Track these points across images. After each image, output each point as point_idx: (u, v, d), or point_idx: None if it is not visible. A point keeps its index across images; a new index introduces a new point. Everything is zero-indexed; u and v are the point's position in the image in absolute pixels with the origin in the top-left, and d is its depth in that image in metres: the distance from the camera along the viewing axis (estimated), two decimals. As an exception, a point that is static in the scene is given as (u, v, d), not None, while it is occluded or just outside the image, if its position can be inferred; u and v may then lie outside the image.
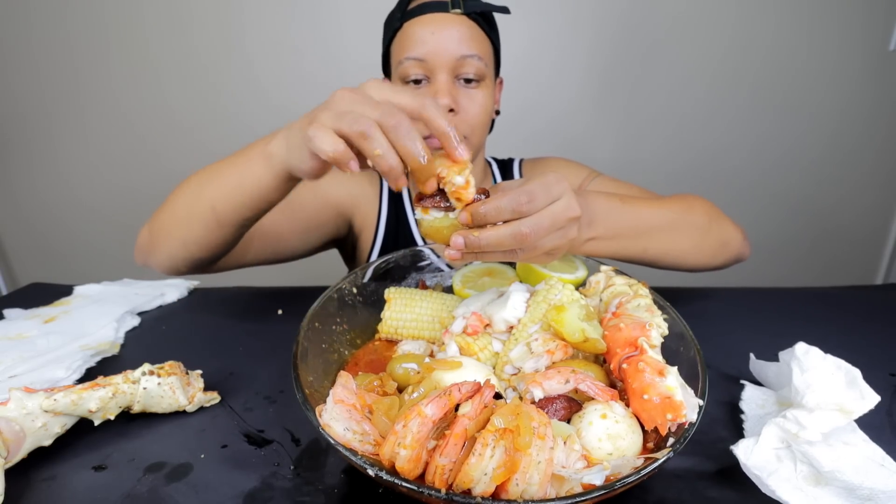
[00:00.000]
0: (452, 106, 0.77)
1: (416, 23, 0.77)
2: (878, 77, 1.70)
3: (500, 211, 0.48)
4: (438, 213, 0.50)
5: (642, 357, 0.44)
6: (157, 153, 1.82)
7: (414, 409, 0.38)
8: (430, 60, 0.76)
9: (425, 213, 0.50)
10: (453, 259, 0.49)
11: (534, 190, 0.49)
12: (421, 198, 0.50)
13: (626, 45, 1.68)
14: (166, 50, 1.68)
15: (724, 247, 0.77)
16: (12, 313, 0.78)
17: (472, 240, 0.48)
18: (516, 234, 0.48)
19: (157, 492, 0.45)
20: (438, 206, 0.49)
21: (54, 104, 1.77)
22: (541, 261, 0.54)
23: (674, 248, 0.72)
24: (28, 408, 0.47)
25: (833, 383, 0.48)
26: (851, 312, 0.78)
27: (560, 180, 0.51)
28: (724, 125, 1.78)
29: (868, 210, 1.90)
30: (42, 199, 1.92)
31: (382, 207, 0.94)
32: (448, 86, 0.77)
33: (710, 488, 0.45)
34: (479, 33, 0.79)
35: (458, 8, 0.76)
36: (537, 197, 0.49)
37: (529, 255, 0.52)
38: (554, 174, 0.52)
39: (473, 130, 0.81)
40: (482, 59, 0.78)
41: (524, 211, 0.48)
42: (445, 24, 0.76)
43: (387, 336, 0.64)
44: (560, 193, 0.51)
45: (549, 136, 1.78)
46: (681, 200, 0.75)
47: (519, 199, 0.48)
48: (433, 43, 0.75)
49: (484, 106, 0.81)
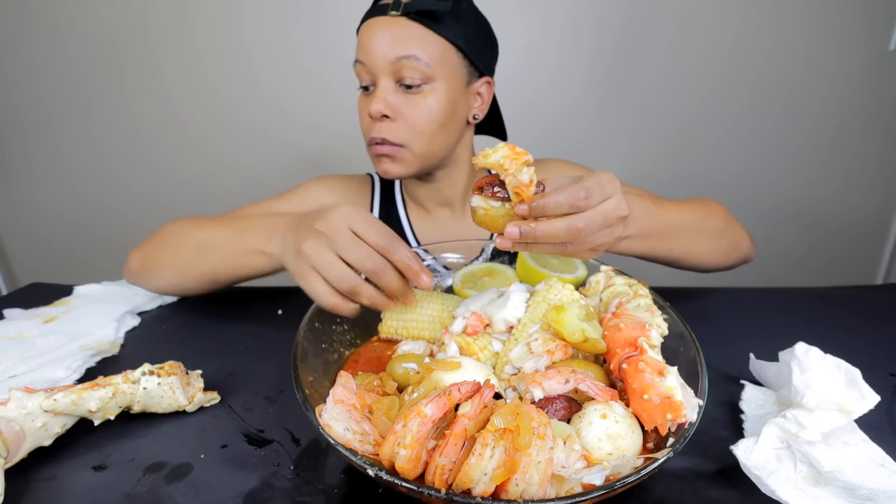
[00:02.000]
0: (386, 112, 0.76)
1: (364, 27, 0.78)
2: (878, 77, 1.70)
3: (559, 206, 0.49)
4: (496, 203, 0.51)
5: (642, 357, 0.44)
6: (157, 153, 1.82)
7: (413, 409, 0.38)
8: (370, 64, 0.76)
9: (485, 201, 0.52)
10: (504, 247, 0.52)
11: (591, 187, 0.50)
12: (482, 186, 0.51)
13: (627, 47, 1.68)
14: (167, 49, 1.68)
15: (735, 249, 0.82)
16: (12, 313, 0.78)
17: (528, 231, 0.50)
18: (571, 229, 0.50)
19: (157, 492, 0.45)
20: (497, 196, 0.51)
21: (54, 104, 1.77)
22: (585, 256, 0.55)
23: (695, 249, 0.76)
24: (28, 408, 0.47)
25: (833, 383, 0.48)
26: (851, 312, 0.78)
27: (612, 179, 0.53)
28: (724, 126, 1.78)
29: (868, 210, 1.90)
30: (42, 199, 1.92)
31: (374, 212, 0.94)
32: (385, 92, 0.76)
33: (710, 488, 0.45)
34: (422, 33, 0.75)
35: (396, 10, 0.75)
36: (593, 194, 0.50)
37: (577, 250, 0.53)
38: (607, 173, 0.53)
39: (413, 137, 0.78)
40: (423, 60, 0.74)
41: (581, 206, 0.50)
42: (383, 26, 0.75)
43: (387, 336, 0.64)
44: (612, 192, 0.52)
45: (551, 139, 1.77)
46: (701, 204, 0.80)
47: (577, 194, 0.49)
48: (371, 47, 0.75)
49: (427, 113, 0.77)
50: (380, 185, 0.96)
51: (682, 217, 0.74)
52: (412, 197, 0.94)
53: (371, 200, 0.95)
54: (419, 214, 0.95)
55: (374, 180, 0.97)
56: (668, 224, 0.70)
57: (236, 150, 1.77)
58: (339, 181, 0.95)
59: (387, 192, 0.96)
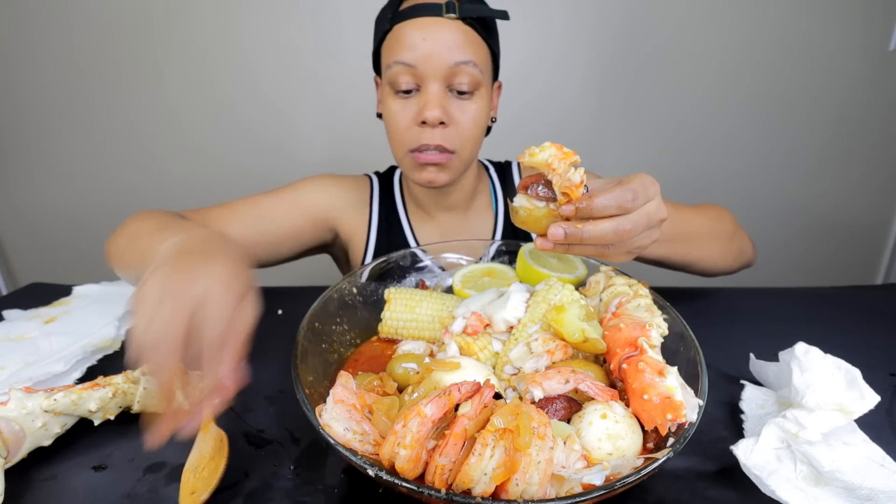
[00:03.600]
0: (443, 119, 0.74)
1: (407, 25, 0.72)
2: (878, 77, 1.70)
3: (607, 208, 0.49)
4: (540, 203, 0.50)
5: (642, 357, 0.44)
6: (157, 153, 1.82)
7: (414, 409, 0.38)
8: (421, 67, 0.72)
9: (529, 200, 0.51)
10: (545, 248, 0.51)
11: (637, 188, 0.50)
12: (528, 185, 0.50)
13: (625, 49, 1.68)
14: (167, 51, 1.68)
15: (741, 254, 0.84)
16: (12, 314, 0.78)
17: (574, 231, 0.49)
18: (619, 230, 0.49)
19: (157, 492, 0.45)
20: (540, 196, 0.50)
21: (54, 104, 1.77)
22: (622, 259, 0.54)
23: (707, 254, 0.78)
24: (28, 408, 0.47)
25: (833, 383, 0.48)
26: (851, 312, 0.78)
27: (653, 182, 0.53)
28: (724, 126, 1.78)
29: (868, 210, 1.90)
30: (42, 199, 1.92)
31: (373, 213, 0.92)
32: (439, 97, 0.73)
33: (710, 488, 0.45)
34: (475, 39, 0.74)
35: (453, 13, 0.72)
36: (639, 196, 0.50)
37: (617, 252, 0.52)
38: (648, 176, 0.53)
39: (464, 143, 0.78)
40: (478, 66, 0.74)
41: (628, 208, 0.49)
42: (439, 28, 0.71)
43: (387, 336, 0.64)
44: (654, 194, 0.52)
45: (549, 139, 1.76)
46: (713, 210, 0.82)
47: (625, 196, 0.49)
48: (424, 49, 0.71)
49: (476, 118, 0.77)
50: (379, 186, 0.95)
51: (699, 222, 0.76)
52: (414, 200, 0.93)
53: (370, 202, 0.93)
54: (420, 217, 0.94)
55: (372, 181, 0.95)
56: (687, 229, 0.72)
57: (236, 151, 1.77)
58: (332, 181, 0.93)
59: (386, 193, 0.94)
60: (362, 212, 0.93)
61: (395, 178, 0.97)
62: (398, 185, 0.95)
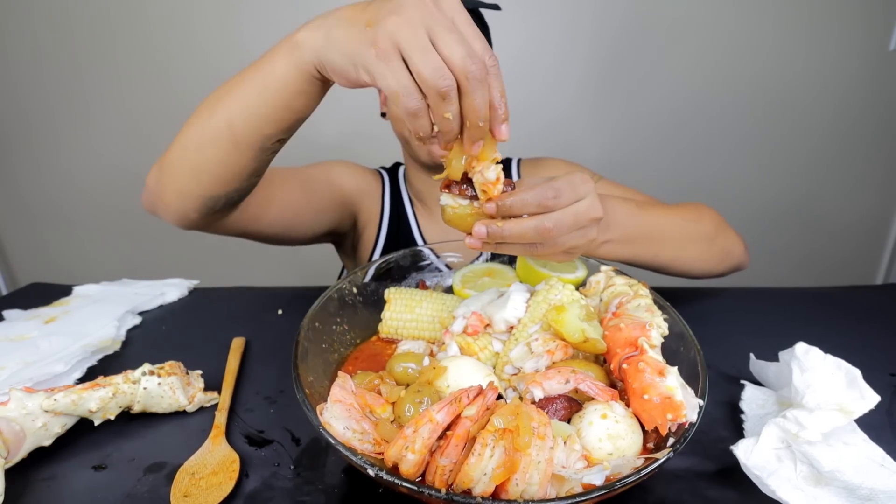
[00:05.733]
0: None
1: None
2: (878, 77, 1.70)
3: (526, 204, 0.48)
4: (464, 202, 0.50)
5: (642, 357, 0.44)
6: (159, 153, 1.82)
7: (425, 416, 0.38)
8: None
9: (453, 198, 0.50)
10: (473, 248, 0.50)
11: (560, 187, 0.49)
12: (449, 184, 0.50)
13: (624, 46, 1.68)
14: (170, 46, 1.68)
15: (726, 256, 0.80)
16: (12, 314, 0.78)
17: (495, 230, 0.49)
18: (539, 228, 0.49)
19: (157, 492, 0.45)
20: (465, 194, 0.50)
21: (56, 103, 1.77)
22: (558, 259, 0.54)
23: (682, 256, 0.73)
24: (28, 408, 0.47)
25: (833, 383, 0.48)
26: (851, 312, 0.78)
27: (586, 180, 0.52)
28: (722, 125, 1.78)
29: (868, 210, 1.90)
30: (42, 199, 1.92)
31: (385, 206, 0.96)
32: None
33: (710, 488, 0.45)
34: None
35: None
36: (563, 194, 0.49)
37: (548, 251, 0.52)
38: (581, 174, 0.52)
39: None
40: None
41: (550, 206, 0.49)
42: None
43: (387, 336, 0.64)
44: (585, 193, 0.51)
45: (547, 137, 1.77)
46: (691, 209, 0.77)
47: (546, 193, 0.48)
48: None
49: None
50: (389, 182, 0.98)
51: (670, 223, 0.72)
52: (417, 195, 0.97)
53: (382, 196, 0.97)
54: (425, 214, 0.98)
55: (383, 177, 0.99)
56: (654, 229, 0.68)
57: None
58: (357, 168, 0.96)
59: (395, 189, 0.98)
60: (377, 203, 0.96)
61: (399, 174, 0.99)
62: (403, 183, 0.99)
